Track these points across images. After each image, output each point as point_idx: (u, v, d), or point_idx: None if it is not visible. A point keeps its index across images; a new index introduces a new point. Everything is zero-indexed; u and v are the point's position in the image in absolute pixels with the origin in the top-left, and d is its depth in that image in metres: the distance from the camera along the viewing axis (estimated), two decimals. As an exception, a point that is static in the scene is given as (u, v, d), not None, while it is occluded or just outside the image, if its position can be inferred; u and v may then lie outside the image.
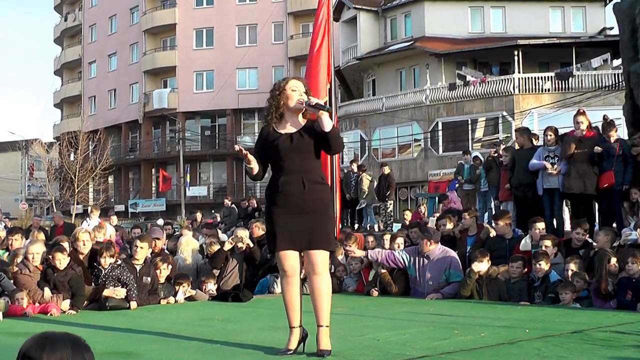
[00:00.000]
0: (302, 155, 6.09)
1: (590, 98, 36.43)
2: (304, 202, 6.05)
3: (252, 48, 57.05)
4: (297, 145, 6.07)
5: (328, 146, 6.08)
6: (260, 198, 36.97)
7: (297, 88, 6.18)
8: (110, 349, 6.64)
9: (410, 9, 46.73)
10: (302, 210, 6.04)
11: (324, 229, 6.10)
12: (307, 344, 6.19)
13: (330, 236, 6.24)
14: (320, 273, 6.08)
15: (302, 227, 6.03)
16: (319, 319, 6.04)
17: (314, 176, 6.13)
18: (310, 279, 6.18)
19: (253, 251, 12.34)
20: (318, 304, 6.07)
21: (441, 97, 42.44)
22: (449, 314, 8.78)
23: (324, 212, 6.15)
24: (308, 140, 6.07)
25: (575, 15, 46.00)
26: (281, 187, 6.10)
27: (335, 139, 6.06)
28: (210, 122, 61.92)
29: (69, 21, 72.85)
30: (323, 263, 6.11)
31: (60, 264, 9.78)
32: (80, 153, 50.03)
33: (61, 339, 2.72)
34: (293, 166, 6.09)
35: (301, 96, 6.14)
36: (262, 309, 10.05)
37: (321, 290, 6.07)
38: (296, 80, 6.29)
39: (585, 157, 12.59)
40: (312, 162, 6.16)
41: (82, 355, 2.74)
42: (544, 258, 10.05)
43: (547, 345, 6.27)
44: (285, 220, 6.10)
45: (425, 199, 31.58)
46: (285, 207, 6.11)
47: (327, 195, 6.32)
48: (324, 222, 6.14)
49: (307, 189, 6.04)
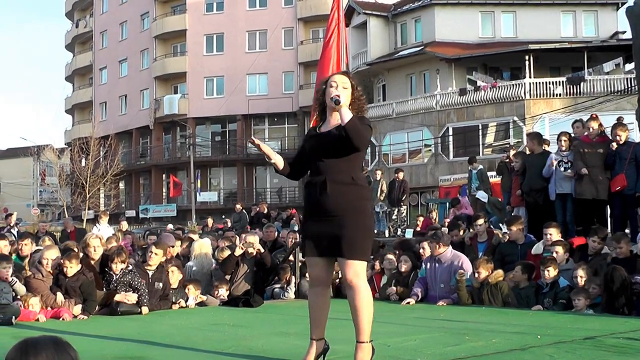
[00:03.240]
0: (327, 155, 5.65)
1: (602, 103, 36.32)
2: (327, 205, 5.59)
3: (262, 54, 57.14)
4: (323, 144, 5.70)
5: (349, 140, 5.49)
6: (270, 203, 37.01)
7: (336, 83, 5.74)
8: (122, 354, 6.64)
9: (421, 14, 46.70)
10: (326, 213, 5.60)
11: (350, 236, 5.52)
12: (327, 357, 5.91)
13: (360, 244, 5.56)
14: (352, 285, 5.55)
15: (328, 232, 5.58)
16: (356, 334, 5.59)
17: (342, 177, 5.60)
18: (346, 292, 5.71)
19: (264, 256, 12.34)
20: (353, 318, 5.59)
21: (452, 102, 42.37)
22: (460, 319, 8.75)
23: (353, 216, 5.56)
24: (335, 139, 5.60)
25: (586, 20, 45.86)
26: (307, 189, 5.77)
27: (353, 132, 5.47)
28: (221, 128, 61.97)
29: (80, 27, 73.07)
30: (355, 274, 5.53)
31: (71, 270, 9.79)
32: (92, 159, 50.22)
33: (42, 341, 2.76)
34: (319, 166, 5.69)
35: (336, 91, 5.68)
36: (272, 314, 10.04)
37: (354, 304, 5.55)
38: (338, 75, 5.91)
39: (597, 162, 12.55)
40: (340, 162, 5.63)
41: (67, 353, 2.76)
42: (552, 264, 9.98)
43: (559, 352, 6.23)
44: (311, 225, 5.75)
45: (435, 205, 31.54)
46: (311, 210, 5.77)
47: (357, 198, 5.64)
48: (352, 228, 5.54)
49: (330, 190, 5.58)
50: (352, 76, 5.96)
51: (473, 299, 10.48)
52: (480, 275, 10.46)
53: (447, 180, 40.42)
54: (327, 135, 5.72)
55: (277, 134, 59.00)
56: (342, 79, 5.80)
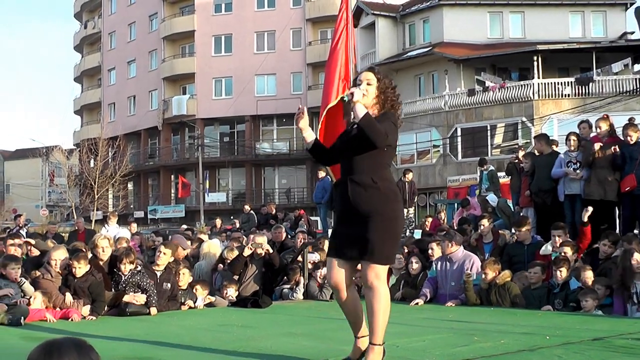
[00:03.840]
0: (349, 154, 5.60)
1: (611, 103, 36.25)
2: (349, 207, 5.54)
3: (270, 54, 57.18)
4: (347, 142, 5.66)
5: (365, 137, 5.39)
6: (278, 204, 36.99)
7: (361, 80, 5.72)
8: (130, 355, 6.66)
9: (429, 15, 46.68)
10: (349, 215, 5.56)
11: (370, 239, 5.44)
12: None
13: (379, 247, 5.47)
14: (371, 287, 5.51)
15: (349, 234, 5.53)
16: (370, 336, 5.60)
17: (361, 178, 5.51)
18: (364, 293, 5.68)
19: (272, 257, 12.34)
20: (369, 319, 5.57)
21: (460, 103, 42.34)
22: (469, 320, 8.75)
23: (375, 218, 5.47)
24: (356, 138, 5.52)
25: (595, 20, 45.75)
26: (335, 188, 5.75)
27: (368, 129, 5.36)
28: (229, 129, 62.01)
29: (88, 29, 73.20)
30: (374, 276, 5.48)
31: (80, 271, 9.81)
32: (100, 159, 50.28)
33: (66, 344, 2.77)
34: (344, 166, 5.66)
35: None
36: (281, 315, 10.04)
37: (371, 305, 5.52)
38: (365, 72, 5.83)
39: (605, 163, 12.51)
40: (360, 162, 5.54)
41: (89, 356, 2.77)
42: (564, 264, 9.96)
43: (568, 353, 6.22)
44: (337, 226, 5.76)
45: (444, 205, 31.48)
46: (338, 211, 5.75)
47: (376, 201, 5.50)
48: (374, 230, 5.45)
49: (350, 192, 5.51)
50: (379, 72, 5.87)
51: (481, 300, 10.47)
52: (487, 276, 10.46)
53: (455, 180, 40.39)
54: (350, 134, 5.67)
55: (285, 135, 58.99)
56: (367, 75, 5.75)
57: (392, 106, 5.74)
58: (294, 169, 58.51)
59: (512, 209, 16.68)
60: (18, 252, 11.84)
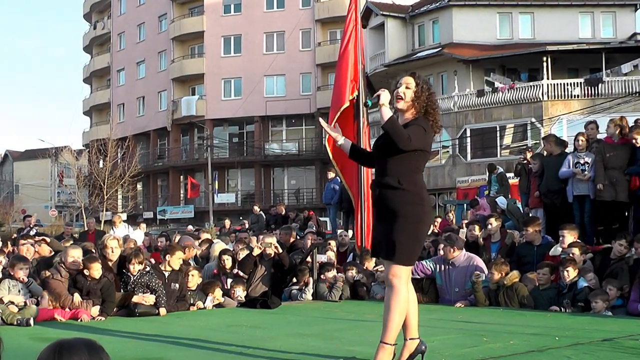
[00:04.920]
0: (381, 157, 5.75)
1: (621, 104, 36.14)
2: (377, 208, 5.79)
3: (279, 55, 57.21)
4: (378, 145, 5.80)
5: (391, 140, 5.53)
6: (288, 205, 36.97)
7: (401, 83, 5.87)
8: (140, 355, 6.67)
9: (438, 16, 46.65)
10: (378, 216, 5.81)
11: (393, 240, 5.56)
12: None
13: (400, 249, 5.56)
14: (390, 286, 5.64)
15: (379, 233, 5.74)
16: (382, 334, 5.65)
17: (388, 180, 5.64)
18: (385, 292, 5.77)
19: (282, 257, 12.34)
20: (383, 317, 5.67)
21: (469, 104, 42.29)
22: (478, 321, 8.74)
23: (398, 220, 5.57)
24: (385, 141, 5.66)
25: (605, 21, 45.64)
26: (370, 189, 5.95)
27: (390, 131, 5.51)
28: (238, 129, 62.04)
29: (98, 29, 73.37)
30: (394, 276, 5.61)
31: (96, 273, 9.80)
32: (109, 160, 50.32)
33: (76, 344, 2.77)
34: (377, 169, 5.86)
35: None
36: (290, 315, 10.05)
37: (388, 303, 5.63)
38: (406, 77, 5.94)
39: (617, 164, 12.48)
40: (388, 164, 5.67)
41: (99, 356, 2.77)
42: (571, 265, 9.94)
43: (577, 353, 6.22)
44: (374, 226, 6.05)
45: (453, 206, 31.46)
46: (373, 211, 5.97)
47: (401, 203, 5.60)
48: (396, 231, 5.57)
49: (379, 194, 5.71)
50: (420, 77, 5.93)
51: (490, 301, 10.45)
52: (493, 276, 10.43)
53: (464, 181, 40.30)
54: (380, 139, 5.81)
55: (294, 136, 59.03)
56: (408, 79, 5.88)
57: (426, 111, 5.80)
58: (303, 170, 58.51)
59: (522, 210, 16.65)
60: (31, 252, 11.87)
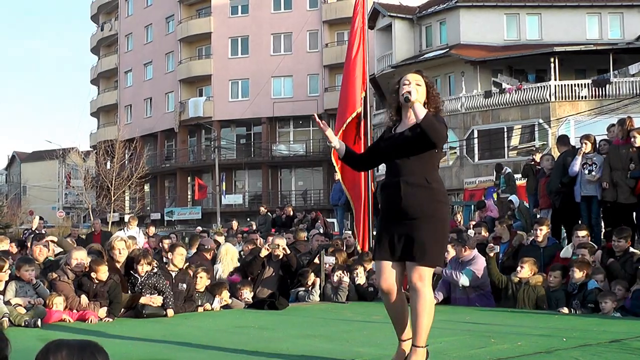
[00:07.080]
0: (401, 155, 5.57)
1: (628, 105, 36.08)
2: (401, 207, 5.51)
3: (287, 56, 57.20)
4: (398, 144, 5.61)
5: (426, 137, 5.38)
6: (295, 206, 36.98)
7: (409, 80, 5.64)
8: (147, 357, 6.68)
9: (446, 17, 46.60)
10: (400, 216, 5.53)
11: (422, 241, 5.46)
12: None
13: (430, 250, 5.48)
14: (415, 289, 5.50)
15: (401, 235, 5.52)
16: (413, 338, 5.60)
17: (415, 178, 5.51)
18: (410, 295, 5.61)
19: (290, 258, 12.33)
20: (412, 322, 5.58)
21: (477, 105, 42.25)
22: (486, 322, 8.73)
23: (426, 220, 5.49)
24: (410, 139, 5.51)
25: (612, 22, 45.53)
26: (383, 190, 5.71)
27: (429, 128, 5.36)
28: (246, 131, 62.06)
29: (105, 31, 73.46)
30: (419, 278, 5.48)
31: (103, 276, 9.81)
32: (117, 161, 50.44)
33: (68, 344, 2.78)
34: (393, 167, 5.64)
35: (408, 88, 5.58)
36: (298, 317, 10.06)
37: (415, 308, 5.51)
38: (411, 74, 5.76)
39: (619, 165, 12.47)
40: (415, 163, 5.54)
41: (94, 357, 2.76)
42: (580, 266, 9.95)
43: (585, 355, 6.21)
44: (386, 226, 5.67)
45: (460, 207, 31.41)
46: (386, 212, 5.70)
47: (429, 201, 5.52)
48: (424, 231, 5.47)
49: (404, 192, 5.50)
50: (423, 73, 5.85)
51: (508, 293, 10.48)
52: (522, 270, 10.43)
53: (472, 182, 40.26)
54: (402, 136, 5.65)
55: (302, 137, 59.03)
56: (415, 77, 5.71)
57: (436, 107, 5.72)
58: (311, 171, 58.52)
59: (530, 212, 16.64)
60: (44, 254, 11.86)
